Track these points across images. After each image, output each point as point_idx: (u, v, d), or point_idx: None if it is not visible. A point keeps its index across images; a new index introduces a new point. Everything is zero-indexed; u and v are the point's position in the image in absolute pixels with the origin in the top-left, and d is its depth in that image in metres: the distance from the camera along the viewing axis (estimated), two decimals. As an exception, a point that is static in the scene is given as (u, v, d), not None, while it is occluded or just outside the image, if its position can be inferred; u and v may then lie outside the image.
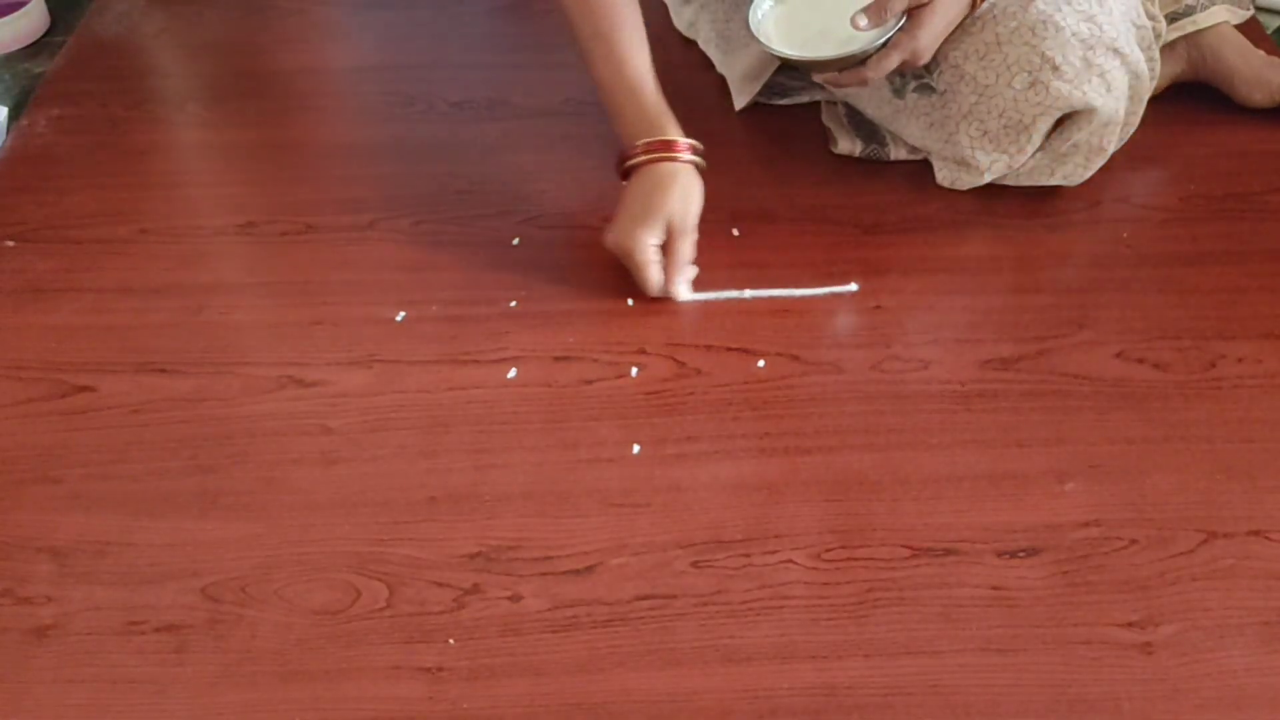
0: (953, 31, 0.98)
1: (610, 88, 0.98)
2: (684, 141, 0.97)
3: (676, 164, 0.96)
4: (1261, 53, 1.16)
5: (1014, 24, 0.97)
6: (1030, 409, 0.89)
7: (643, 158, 0.96)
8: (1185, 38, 1.14)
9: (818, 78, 1.00)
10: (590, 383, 0.92)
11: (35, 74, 1.30)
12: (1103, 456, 0.86)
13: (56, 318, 0.99)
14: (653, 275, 0.96)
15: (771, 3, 1.02)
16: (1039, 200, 1.07)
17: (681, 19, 1.28)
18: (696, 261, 1.00)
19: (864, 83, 0.98)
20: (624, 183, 0.99)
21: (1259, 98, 1.14)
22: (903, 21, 0.95)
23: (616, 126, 0.99)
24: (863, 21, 0.93)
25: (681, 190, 0.96)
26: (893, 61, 0.96)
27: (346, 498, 0.84)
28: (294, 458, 0.87)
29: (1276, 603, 0.77)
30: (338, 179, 1.12)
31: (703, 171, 0.98)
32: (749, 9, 1.00)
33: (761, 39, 0.99)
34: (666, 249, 0.97)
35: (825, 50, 0.98)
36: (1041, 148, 1.01)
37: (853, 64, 0.96)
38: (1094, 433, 0.87)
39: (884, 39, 0.94)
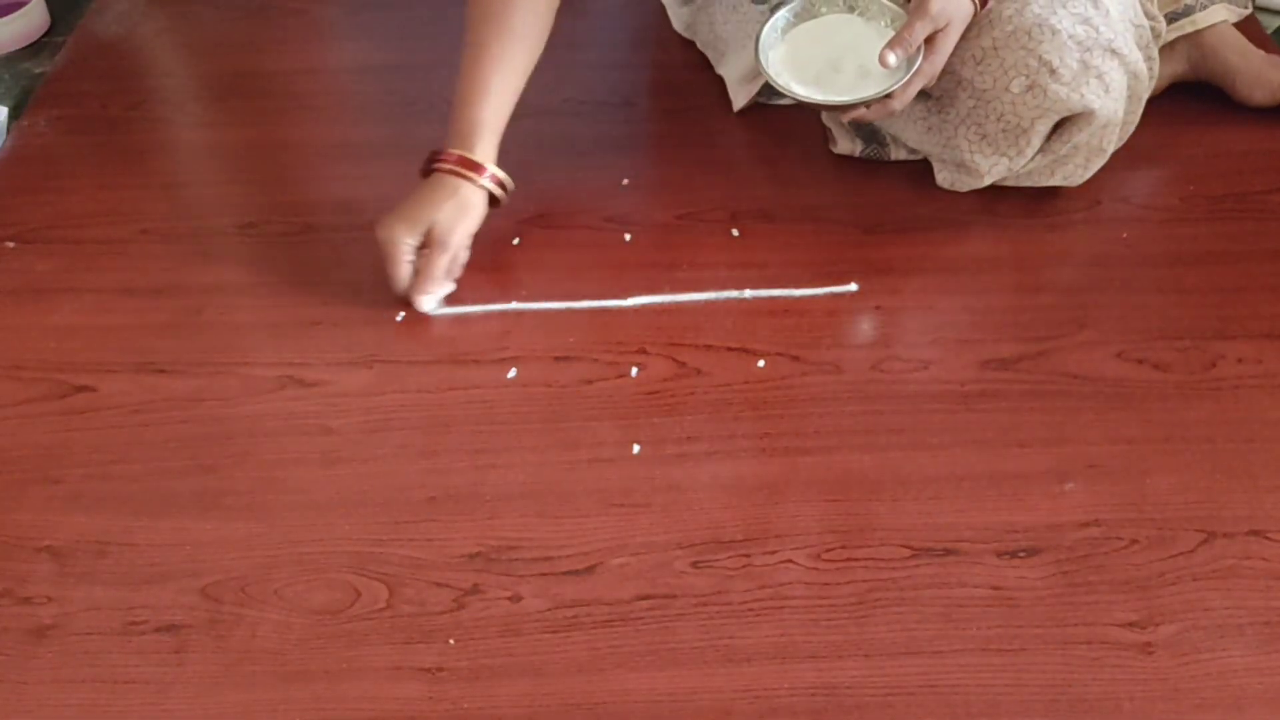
0: None
1: (459, 89, 0.98)
2: (491, 169, 0.97)
3: (465, 182, 0.97)
4: (1261, 51, 1.16)
5: (1010, 28, 0.96)
6: (1030, 409, 0.89)
7: (441, 165, 0.97)
8: (1185, 37, 1.14)
9: (845, 117, 1.00)
10: (590, 383, 0.92)
11: (35, 74, 1.30)
12: (1103, 456, 0.86)
13: (56, 318, 0.99)
14: (399, 273, 0.97)
15: (774, 41, 1.00)
16: (1039, 200, 1.07)
17: (679, 19, 1.28)
18: (695, 260, 1.00)
19: (892, 114, 0.98)
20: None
21: (1259, 96, 1.14)
22: (921, 49, 0.95)
23: (448, 126, 0.99)
24: (892, 59, 0.93)
25: (456, 205, 0.96)
26: (916, 89, 0.96)
27: (346, 498, 0.84)
28: (294, 458, 0.87)
29: (1276, 603, 0.77)
30: (338, 179, 1.12)
31: (497, 206, 0.99)
32: (756, 51, 0.99)
33: (781, 84, 0.97)
34: (422, 256, 0.97)
35: (840, 83, 0.98)
36: (1041, 150, 1.01)
37: (879, 99, 0.96)
38: (1094, 433, 0.87)
39: (911, 71, 0.94)
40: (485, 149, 0.98)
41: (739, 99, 1.17)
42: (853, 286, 1.00)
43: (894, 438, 0.87)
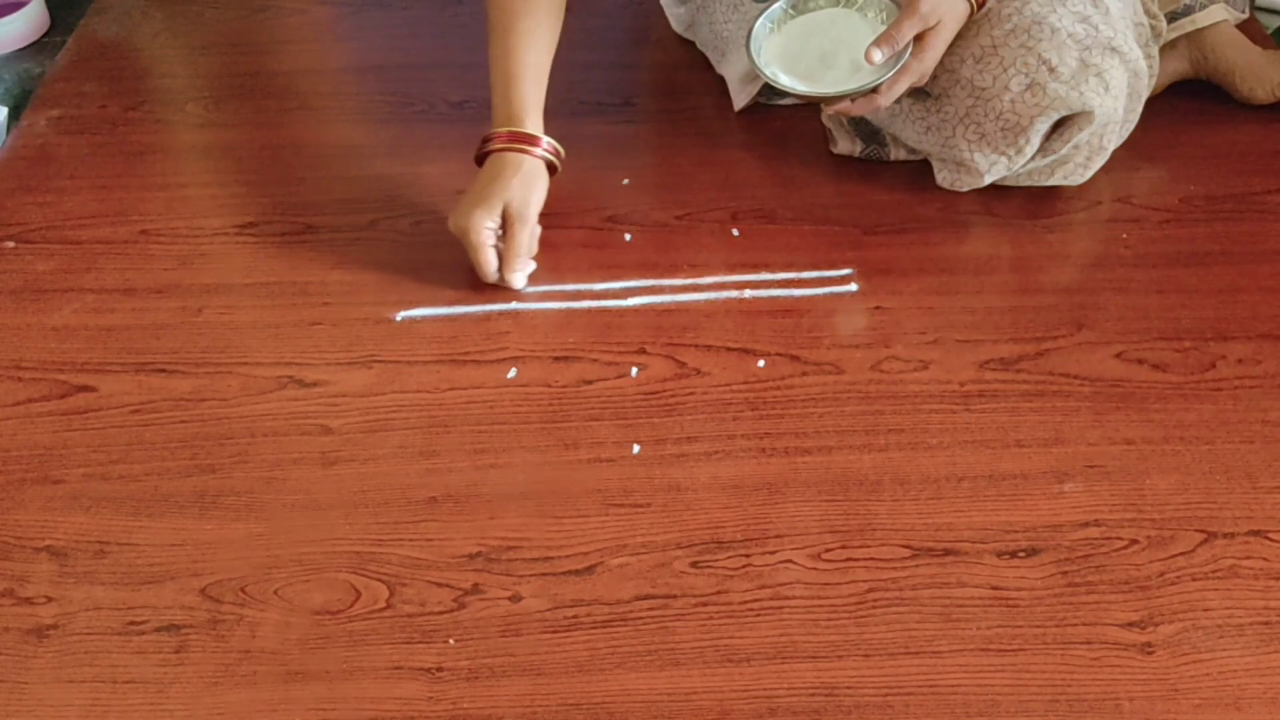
0: None
1: (493, 72, 1.00)
2: (545, 139, 0.99)
3: (525, 156, 0.98)
4: (1261, 49, 1.16)
5: (1009, 26, 0.97)
6: (1030, 409, 0.89)
7: (496, 145, 0.98)
8: (1185, 36, 1.14)
9: (830, 109, 1.01)
10: (590, 383, 0.92)
11: (35, 74, 1.30)
12: (1102, 456, 0.86)
13: (56, 318, 0.99)
14: (487, 259, 0.98)
15: (767, 33, 1.01)
16: (1039, 200, 1.07)
17: (678, 20, 1.28)
18: (695, 260, 1.00)
19: (877, 109, 0.98)
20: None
21: (1260, 94, 1.14)
22: (910, 46, 0.95)
23: (491, 111, 1.00)
24: (877, 56, 0.94)
25: (523, 180, 0.98)
26: (904, 86, 0.97)
27: (346, 498, 0.84)
28: (294, 458, 0.87)
29: (1276, 603, 0.77)
30: (338, 179, 1.12)
31: (555, 174, 1.01)
32: (747, 43, 1.00)
33: (768, 75, 0.99)
34: (504, 236, 0.98)
35: (831, 77, 0.98)
36: (1041, 149, 1.01)
37: (864, 93, 0.97)
38: (1093, 433, 0.87)
39: (896, 67, 0.95)
40: (534, 122, 0.99)
41: (740, 99, 1.17)
42: (853, 287, 1.00)
43: (894, 438, 0.87)
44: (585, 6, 1.36)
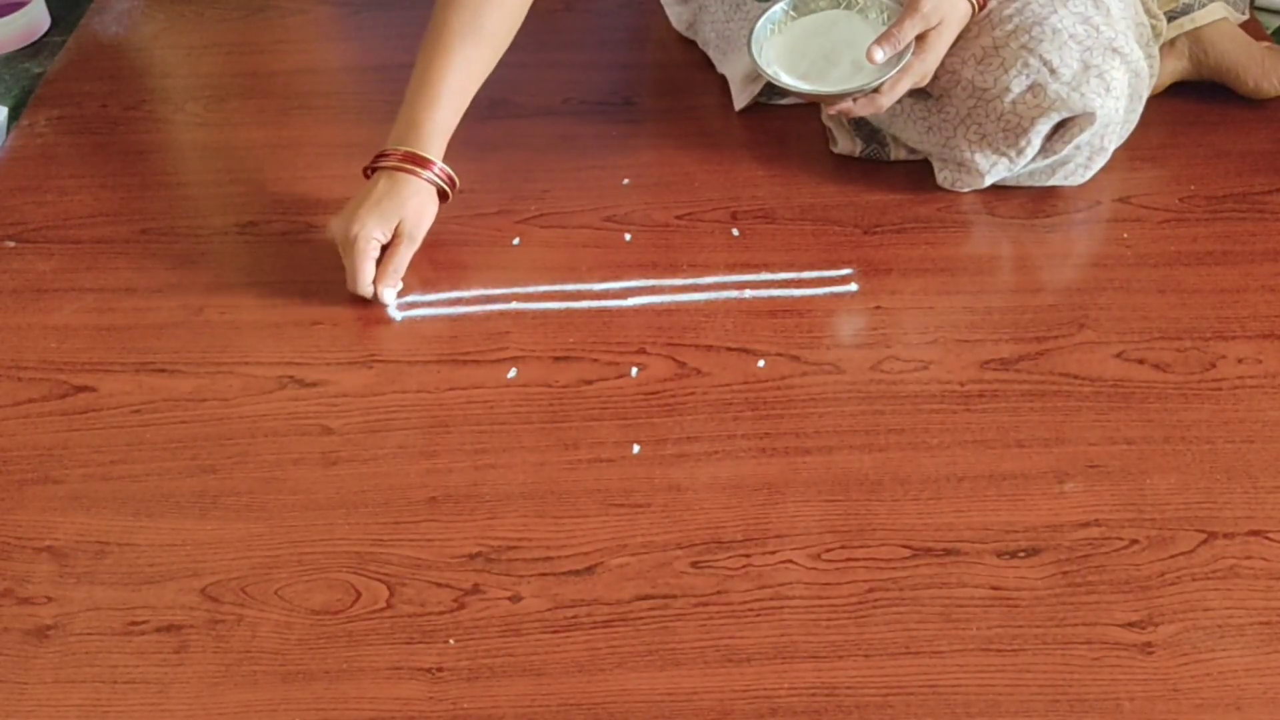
0: None
1: (413, 86, 0.99)
2: (440, 166, 0.98)
3: (420, 180, 0.98)
4: (1263, 44, 1.16)
5: (1010, 27, 0.97)
6: (1030, 409, 0.89)
7: (392, 162, 0.97)
8: (1186, 34, 1.14)
9: (831, 109, 1.01)
10: (590, 383, 0.92)
11: (35, 74, 1.30)
12: (1102, 456, 0.86)
13: (56, 318, 0.99)
14: (368, 270, 0.97)
15: (769, 32, 1.01)
16: (1039, 200, 1.07)
17: (680, 20, 1.28)
18: (695, 260, 1.00)
19: (879, 109, 0.98)
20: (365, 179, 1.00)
21: (1266, 87, 1.14)
22: (912, 46, 0.95)
23: (395, 124, 1.00)
24: (879, 55, 0.94)
25: (418, 201, 0.98)
26: (905, 86, 0.97)
27: (346, 498, 0.84)
28: (294, 458, 0.87)
29: (1276, 603, 0.77)
30: (338, 179, 1.12)
31: (446, 200, 1.00)
32: (748, 43, 1.00)
33: (769, 73, 0.99)
34: (388, 249, 0.98)
35: (833, 77, 0.98)
36: (1042, 150, 1.01)
37: (866, 93, 0.97)
38: (1094, 433, 0.87)
39: (898, 67, 0.95)
40: (435, 147, 0.98)
41: (741, 98, 1.17)
42: (853, 287, 1.00)
43: (894, 438, 0.87)
44: (585, 6, 1.36)
